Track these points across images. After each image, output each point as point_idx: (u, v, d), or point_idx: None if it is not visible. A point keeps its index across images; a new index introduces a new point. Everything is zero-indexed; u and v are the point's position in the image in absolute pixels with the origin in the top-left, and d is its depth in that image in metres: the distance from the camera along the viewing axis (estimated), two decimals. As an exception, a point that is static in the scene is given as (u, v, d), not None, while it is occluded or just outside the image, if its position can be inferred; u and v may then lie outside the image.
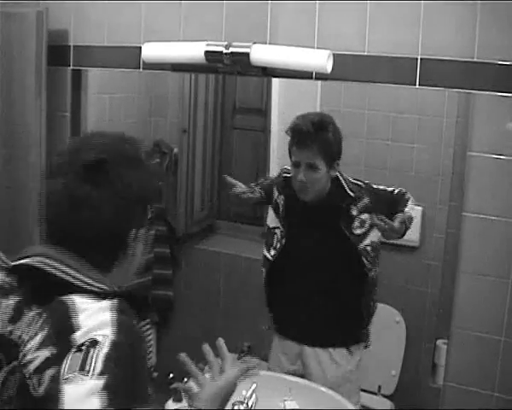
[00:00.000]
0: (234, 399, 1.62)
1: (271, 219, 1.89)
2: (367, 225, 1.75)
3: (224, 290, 2.27)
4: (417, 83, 1.38)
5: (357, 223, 1.74)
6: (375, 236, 1.76)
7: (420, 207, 1.93)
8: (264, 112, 2.33)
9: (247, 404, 1.60)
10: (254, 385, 1.62)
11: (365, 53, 1.42)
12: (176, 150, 2.37)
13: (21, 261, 0.91)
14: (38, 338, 0.82)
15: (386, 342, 1.87)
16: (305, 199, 1.78)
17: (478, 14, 1.31)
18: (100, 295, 0.88)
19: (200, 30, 1.58)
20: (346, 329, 1.84)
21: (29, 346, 0.82)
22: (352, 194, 1.75)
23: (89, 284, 0.89)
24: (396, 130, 1.98)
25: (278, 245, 1.85)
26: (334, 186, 1.77)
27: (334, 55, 1.40)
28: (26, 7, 1.70)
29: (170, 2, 1.62)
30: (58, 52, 1.74)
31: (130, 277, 1.10)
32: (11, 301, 0.88)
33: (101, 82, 2.02)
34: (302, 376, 1.84)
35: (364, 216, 1.74)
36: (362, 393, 1.90)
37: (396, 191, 1.79)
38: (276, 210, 1.88)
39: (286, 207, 1.84)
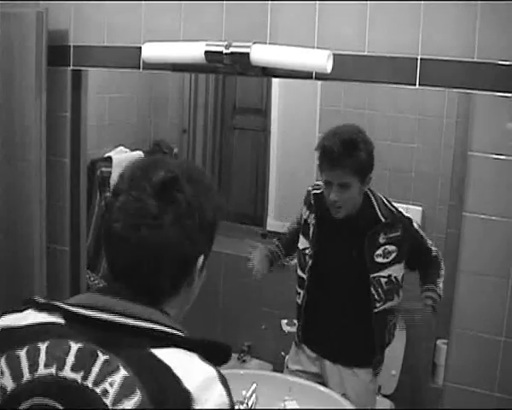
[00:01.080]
0: (234, 399, 1.62)
1: (301, 241, 1.86)
2: (391, 258, 1.71)
3: (224, 290, 2.27)
4: (417, 83, 1.38)
5: (380, 251, 1.70)
6: (397, 270, 1.73)
7: (420, 208, 1.93)
8: (264, 112, 2.33)
9: (247, 404, 1.60)
10: (254, 385, 1.62)
11: (365, 53, 1.42)
12: (176, 150, 2.37)
13: (83, 312, 0.81)
14: (133, 402, 0.74)
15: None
16: (339, 217, 1.74)
17: (478, 14, 1.31)
18: (180, 344, 0.82)
19: (200, 30, 1.58)
20: (359, 351, 1.83)
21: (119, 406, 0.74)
22: (383, 219, 1.71)
23: (163, 331, 0.82)
24: (396, 130, 1.98)
25: (309, 267, 1.82)
26: (366, 205, 1.73)
27: (334, 55, 1.40)
28: (26, 7, 1.70)
29: (170, 2, 1.62)
30: (58, 52, 1.74)
31: (184, 311, 1.01)
32: (73, 345, 0.78)
33: (101, 82, 2.02)
34: (320, 379, 1.85)
35: (391, 248, 1.70)
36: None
37: (434, 253, 1.77)
38: (305, 231, 1.84)
39: (317, 225, 1.80)
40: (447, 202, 1.85)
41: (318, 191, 1.81)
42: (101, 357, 0.77)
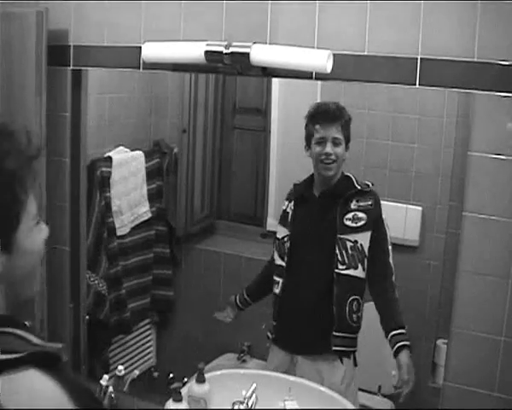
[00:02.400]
0: (234, 399, 1.62)
1: (279, 231, 1.95)
2: (360, 224, 1.79)
3: (224, 290, 2.27)
4: (417, 83, 1.38)
5: (350, 215, 1.79)
6: (364, 238, 1.79)
7: (420, 208, 1.93)
8: (264, 112, 2.33)
9: (247, 404, 1.60)
10: (254, 385, 1.62)
11: (365, 53, 1.42)
12: (176, 150, 2.37)
13: None
14: None
15: (387, 343, 1.87)
16: (329, 174, 1.85)
17: (478, 14, 1.31)
18: (8, 368, 0.73)
19: (200, 30, 1.58)
20: (319, 335, 1.87)
21: None
22: (358, 187, 1.82)
23: None
24: (396, 130, 1.98)
25: (288, 252, 1.90)
26: (344, 181, 1.86)
27: (334, 55, 1.40)
28: (26, 7, 1.70)
29: (170, 2, 1.62)
30: (58, 52, 1.74)
31: (22, 294, 0.88)
32: None
33: (101, 82, 2.02)
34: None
35: (361, 215, 1.79)
36: (362, 393, 1.90)
37: (390, 261, 1.82)
38: (283, 220, 1.94)
39: (294, 209, 1.91)
40: (447, 202, 1.85)
41: (298, 182, 1.95)
42: None
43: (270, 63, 1.45)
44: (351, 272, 1.80)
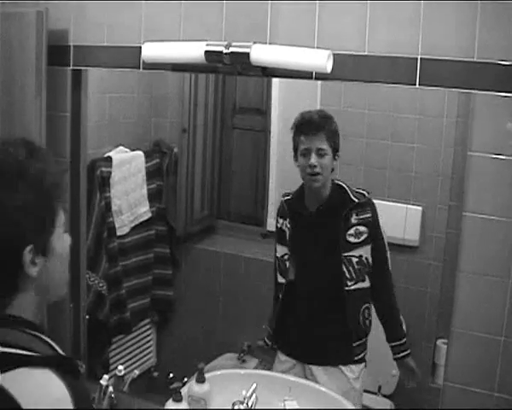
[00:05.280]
0: (234, 399, 1.62)
1: (279, 251, 1.93)
2: (362, 238, 1.78)
3: (224, 290, 2.27)
4: (417, 83, 1.37)
5: (352, 231, 1.78)
6: (368, 251, 1.79)
7: (420, 208, 1.93)
8: (264, 112, 2.33)
9: (247, 404, 1.60)
10: (254, 385, 1.62)
11: (365, 53, 1.42)
12: (176, 150, 2.37)
13: None
14: None
15: (386, 344, 1.87)
16: (316, 185, 1.83)
17: (478, 14, 1.31)
18: (28, 364, 0.81)
19: (200, 30, 1.58)
20: (339, 347, 1.87)
21: None
22: (355, 200, 1.80)
23: (6, 353, 0.82)
24: (396, 130, 1.98)
25: (291, 269, 1.89)
26: (337, 192, 1.83)
27: (334, 55, 1.40)
28: (26, 7, 1.70)
29: (170, 2, 1.62)
30: (58, 52, 1.74)
31: (51, 297, 0.97)
32: None
33: (101, 82, 2.02)
34: None
35: (362, 228, 1.78)
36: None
37: (389, 267, 1.83)
38: (281, 239, 1.93)
39: (292, 227, 1.89)
40: (447, 202, 1.85)
41: (289, 197, 1.93)
42: None
43: (270, 63, 1.45)
44: (359, 285, 1.80)
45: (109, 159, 2.15)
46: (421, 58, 1.37)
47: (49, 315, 1.82)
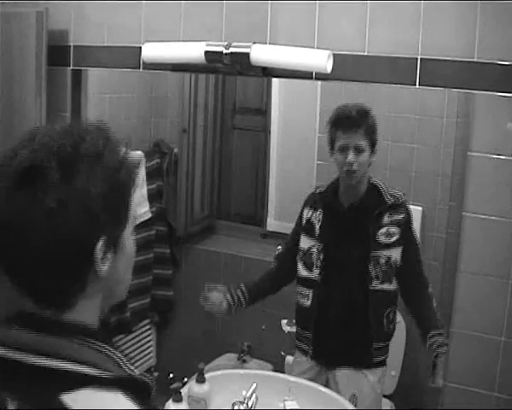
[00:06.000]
0: (234, 399, 1.62)
1: (303, 242, 1.87)
2: (393, 239, 1.75)
3: (224, 290, 2.27)
4: (417, 83, 1.38)
5: (384, 230, 1.75)
6: (397, 253, 1.75)
7: (420, 208, 1.93)
8: (264, 112, 2.33)
9: (247, 404, 1.60)
10: (254, 385, 1.62)
11: (365, 53, 1.42)
12: (176, 150, 2.37)
13: None
14: None
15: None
16: (352, 182, 1.80)
17: (478, 14, 1.31)
18: (95, 382, 0.72)
19: (200, 30, 1.58)
20: (363, 350, 1.83)
21: None
22: (389, 201, 1.77)
23: (74, 371, 0.71)
24: (396, 130, 1.98)
25: (319, 263, 1.83)
26: (372, 191, 1.80)
27: (334, 55, 1.40)
28: (26, 7, 1.70)
29: (170, 2, 1.62)
30: (58, 52, 1.74)
31: (114, 300, 0.87)
32: None
33: (101, 82, 2.02)
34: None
35: (394, 229, 1.75)
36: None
37: (423, 273, 1.79)
38: (308, 230, 1.87)
39: (324, 220, 1.84)
40: (447, 202, 1.85)
41: (322, 189, 1.87)
42: (11, 407, 0.69)
43: (270, 63, 1.45)
44: (385, 286, 1.76)
45: (109, 159, 2.15)
46: (421, 58, 1.37)
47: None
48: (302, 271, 1.86)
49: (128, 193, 0.82)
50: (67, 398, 0.69)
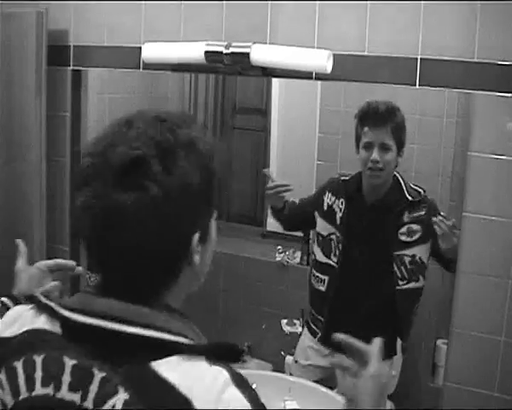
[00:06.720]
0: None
1: (322, 227, 1.86)
2: (416, 237, 1.72)
3: (224, 290, 2.27)
4: (417, 83, 1.38)
5: (404, 229, 1.72)
6: (422, 250, 1.73)
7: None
8: (264, 112, 2.33)
9: (247, 404, 1.60)
10: (254, 385, 1.62)
11: (365, 53, 1.42)
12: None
13: (80, 319, 0.74)
14: None
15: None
16: (377, 182, 1.78)
17: (478, 14, 1.31)
18: (185, 351, 0.73)
19: (200, 30, 1.58)
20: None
21: None
22: (409, 198, 1.74)
23: (165, 340, 0.73)
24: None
25: (337, 251, 1.83)
26: (394, 187, 1.78)
27: (334, 55, 1.40)
28: (26, 7, 1.70)
29: (170, 3, 1.62)
30: (58, 52, 1.74)
31: (196, 287, 0.89)
32: (67, 362, 0.72)
33: (101, 82, 2.02)
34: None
35: (416, 227, 1.72)
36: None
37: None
38: (328, 217, 1.85)
39: (347, 211, 1.82)
40: (447, 202, 1.85)
41: (346, 178, 1.85)
42: (98, 375, 0.70)
43: (270, 63, 1.45)
44: (412, 285, 1.75)
45: (109, 159, 2.15)
46: (421, 58, 1.37)
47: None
48: (320, 255, 1.86)
49: (216, 181, 0.81)
50: (157, 365, 0.70)
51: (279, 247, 2.25)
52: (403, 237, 1.73)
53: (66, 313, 0.75)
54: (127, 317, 0.73)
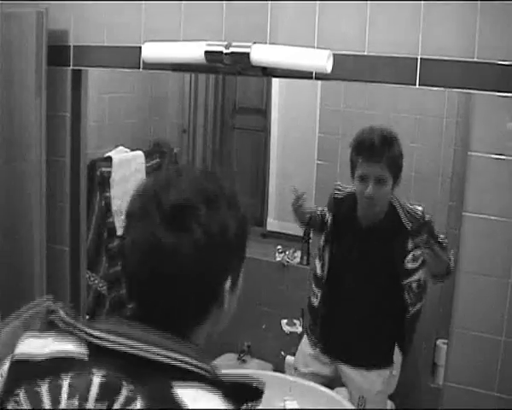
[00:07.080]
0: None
1: (321, 240, 1.87)
2: (420, 261, 1.71)
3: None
4: (417, 83, 1.37)
5: (410, 256, 1.71)
6: (425, 272, 1.74)
7: (420, 207, 1.93)
8: (264, 112, 2.33)
9: (247, 404, 1.60)
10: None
11: (365, 53, 1.42)
12: (176, 150, 2.37)
13: (108, 341, 0.77)
14: None
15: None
16: (372, 212, 1.75)
17: (478, 14, 1.31)
18: (204, 380, 0.76)
19: (200, 30, 1.58)
20: (381, 353, 1.84)
21: None
22: (408, 226, 1.70)
23: (188, 364, 0.76)
24: (396, 130, 1.98)
25: (325, 266, 1.83)
26: (390, 213, 1.74)
27: (334, 55, 1.40)
28: (26, 7, 1.70)
29: (170, 3, 1.62)
30: (58, 52, 1.74)
31: (220, 329, 0.94)
32: (95, 380, 0.74)
33: (101, 82, 2.03)
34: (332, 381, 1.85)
35: (419, 251, 1.70)
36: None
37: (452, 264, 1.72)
38: (324, 231, 1.86)
39: (333, 226, 1.81)
40: (447, 202, 1.85)
41: (339, 196, 1.83)
42: (126, 388, 0.73)
43: (270, 63, 1.45)
44: (418, 306, 1.76)
45: (109, 159, 2.15)
46: (421, 58, 1.37)
47: (49, 315, 1.81)
48: (317, 268, 1.87)
49: (248, 232, 0.88)
50: (180, 391, 0.73)
51: (279, 247, 2.25)
52: (409, 265, 1.71)
53: (94, 335, 0.78)
54: (156, 342, 0.76)
